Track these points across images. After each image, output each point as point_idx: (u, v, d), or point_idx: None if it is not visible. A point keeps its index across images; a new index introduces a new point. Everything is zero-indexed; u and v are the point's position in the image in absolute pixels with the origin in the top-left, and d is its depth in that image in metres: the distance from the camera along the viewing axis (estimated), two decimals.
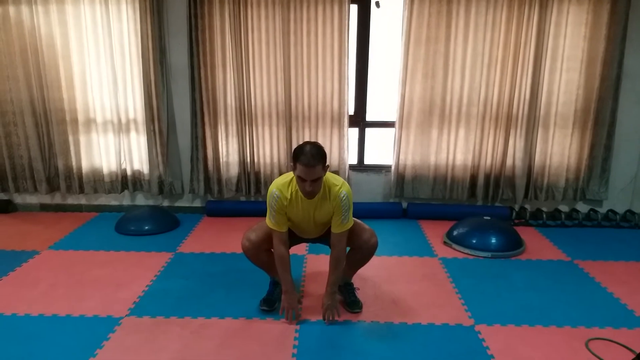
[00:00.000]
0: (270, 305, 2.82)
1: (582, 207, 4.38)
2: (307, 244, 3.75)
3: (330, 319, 2.70)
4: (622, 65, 3.97)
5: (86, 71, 4.12)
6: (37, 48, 4.04)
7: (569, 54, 3.98)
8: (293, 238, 2.80)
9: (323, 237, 2.83)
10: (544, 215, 4.27)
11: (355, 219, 2.75)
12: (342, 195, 2.57)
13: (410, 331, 2.64)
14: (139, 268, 3.36)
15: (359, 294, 2.93)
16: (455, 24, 3.94)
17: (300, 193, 2.57)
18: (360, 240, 2.74)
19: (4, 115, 4.22)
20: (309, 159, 2.40)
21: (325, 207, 2.60)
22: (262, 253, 2.79)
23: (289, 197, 2.59)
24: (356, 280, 3.01)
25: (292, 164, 2.53)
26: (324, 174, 2.53)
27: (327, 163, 2.54)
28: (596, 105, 4.06)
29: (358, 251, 2.79)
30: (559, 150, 4.19)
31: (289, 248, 2.74)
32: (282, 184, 2.61)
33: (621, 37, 3.90)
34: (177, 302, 2.91)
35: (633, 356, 2.39)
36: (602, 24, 3.89)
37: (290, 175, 2.62)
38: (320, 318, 2.73)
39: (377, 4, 4.10)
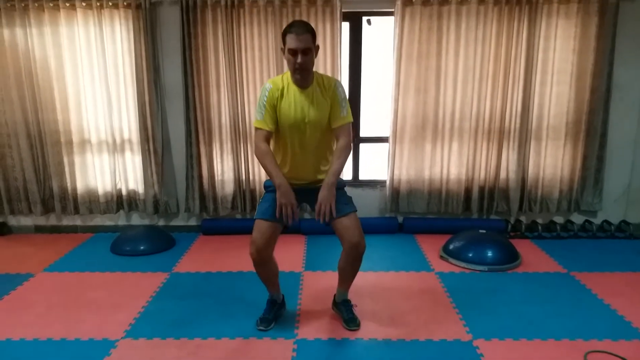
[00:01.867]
0: (267, 325, 2.80)
1: (577, 218, 4.40)
2: (305, 245, 3.75)
3: (326, 217, 2.55)
4: (612, 77, 4.02)
5: (81, 92, 4.14)
6: (31, 70, 4.06)
7: (559, 67, 4.02)
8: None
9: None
10: (540, 227, 4.28)
11: (356, 216, 2.68)
12: (337, 83, 2.62)
13: (409, 348, 2.63)
14: (134, 289, 3.34)
15: (356, 311, 2.91)
16: (446, 40, 3.99)
17: (293, 86, 2.56)
18: (351, 241, 2.59)
19: None
20: (298, 27, 2.44)
21: (321, 99, 2.58)
22: (270, 261, 2.71)
23: (281, 87, 2.58)
24: (353, 296, 3.00)
25: (282, 47, 2.55)
26: (315, 51, 2.53)
27: (317, 43, 2.57)
28: (587, 117, 4.11)
29: (347, 257, 2.67)
30: (552, 162, 4.22)
31: None
32: (276, 78, 2.64)
33: (610, 49, 3.95)
34: (173, 323, 2.89)
35: None
36: (591, 37, 3.94)
37: (284, 73, 2.66)
38: (318, 336, 2.72)
39: (369, 22, 4.15)
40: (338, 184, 2.67)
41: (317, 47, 2.56)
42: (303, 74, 2.52)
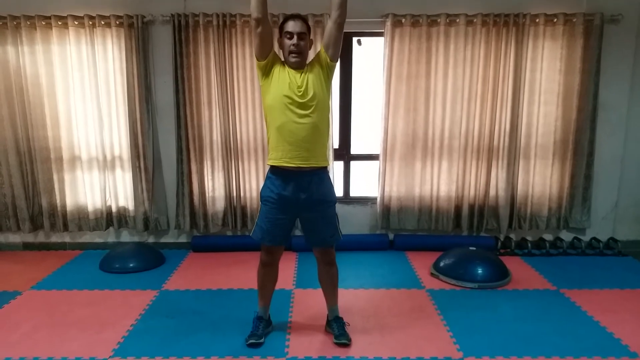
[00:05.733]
0: (257, 339, 2.79)
1: (566, 236, 4.44)
2: (296, 257, 3.74)
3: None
4: (598, 97, 4.10)
5: (71, 110, 4.14)
6: (22, 87, 4.07)
7: (546, 87, 4.10)
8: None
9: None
10: (529, 245, 4.31)
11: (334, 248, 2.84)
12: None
13: None
14: (123, 307, 3.31)
15: (348, 329, 2.89)
16: (435, 60, 4.05)
17: (289, 71, 2.58)
18: (325, 262, 2.83)
19: None
20: (295, 17, 2.60)
21: (315, 66, 2.63)
22: (277, 264, 2.87)
23: (281, 60, 2.67)
24: (344, 313, 2.99)
25: (279, 37, 2.66)
26: (309, 42, 2.65)
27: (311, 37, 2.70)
28: (574, 136, 4.17)
29: (322, 271, 2.87)
30: (541, 180, 4.27)
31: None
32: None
33: (595, 70, 4.04)
34: (162, 342, 2.86)
35: None
36: (577, 59, 4.03)
37: None
38: (309, 355, 2.70)
39: (359, 42, 4.22)
40: (330, 199, 2.71)
41: (312, 42, 2.69)
42: (298, 57, 2.59)
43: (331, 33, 2.58)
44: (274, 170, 2.67)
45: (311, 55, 2.74)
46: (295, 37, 2.56)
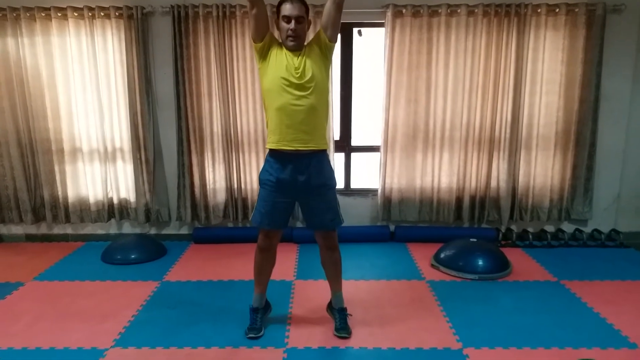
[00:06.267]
0: (256, 333, 2.80)
1: (568, 227, 4.43)
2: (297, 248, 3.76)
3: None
4: (600, 87, 4.07)
5: (72, 101, 4.14)
6: (22, 79, 4.06)
7: (548, 78, 4.07)
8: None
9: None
10: (530, 236, 4.30)
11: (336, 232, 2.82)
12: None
13: (399, 357, 2.63)
14: (125, 298, 3.33)
15: (350, 320, 2.90)
16: (436, 51, 4.03)
17: (287, 53, 2.56)
18: (328, 247, 2.80)
19: None
20: None
21: (313, 47, 2.60)
22: (274, 249, 2.88)
23: (279, 42, 2.63)
24: (344, 304, 2.99)
25: (275, 18, 2.60)
26: (307, 25, 2.61)
27: (309, 19, 2.65)
28: (576, 127, 4.15)
29: (325, 256, 2.84)
30: (542, 171, 4.26)
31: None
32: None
33: (597, 61, 4.00)
34: (163, 332, 2.88)
35: None
36: (579, 49, 4.00)
37: None
38: (308, 345, 2.71)
39: (360, 33, 4.19)
40: (329, 183, 2.70)
41: (310, 22, 2.64)
42: (296, 41, 2.56)
43: (330, 14, 2.55)
44: (273, 154, 2.66)
45: (310, 35, 2.70)
46: (293, 21, 2.52)
